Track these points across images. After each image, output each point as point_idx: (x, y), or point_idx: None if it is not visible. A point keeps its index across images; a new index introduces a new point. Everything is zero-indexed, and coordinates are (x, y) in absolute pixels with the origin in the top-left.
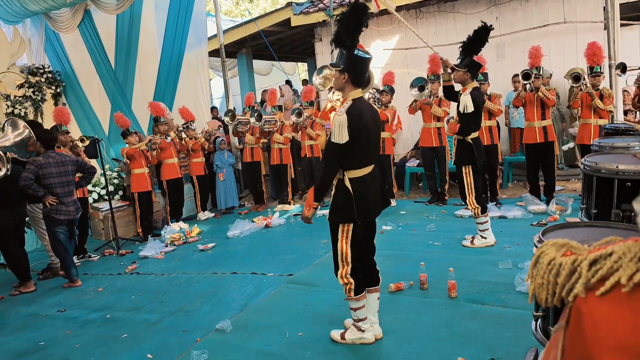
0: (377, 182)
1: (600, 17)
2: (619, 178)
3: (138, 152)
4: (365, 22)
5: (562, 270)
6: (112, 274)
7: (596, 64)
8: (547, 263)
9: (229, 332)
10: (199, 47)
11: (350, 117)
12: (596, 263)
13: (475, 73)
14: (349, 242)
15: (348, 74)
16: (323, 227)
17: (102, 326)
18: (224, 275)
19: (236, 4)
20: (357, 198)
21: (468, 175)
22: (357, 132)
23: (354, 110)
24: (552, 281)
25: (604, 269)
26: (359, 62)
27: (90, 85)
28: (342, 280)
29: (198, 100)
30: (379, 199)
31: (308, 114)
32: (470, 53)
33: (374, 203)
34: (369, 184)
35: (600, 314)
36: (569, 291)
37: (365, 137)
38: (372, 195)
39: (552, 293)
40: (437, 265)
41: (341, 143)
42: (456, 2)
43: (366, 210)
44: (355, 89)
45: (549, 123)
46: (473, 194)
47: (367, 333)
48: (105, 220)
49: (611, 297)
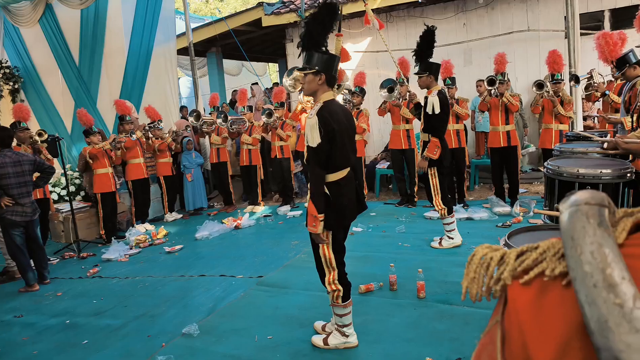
0: (353, 185)
1: (562, 26)
2: (580, 182)
3: (101, 151)
4: (338, 21)
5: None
6: (72, 277)
7: (557, 72)
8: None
9: (195, 336)
10: (167, 44)
11: (322, 118)
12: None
13: (437, 74)
14: (330, 246)
15: (325, 74)
16: (293, 229)
17: (62, 332)
18: (192, 278)
19: (205, 2)
20: (333, 204)
21: (434, 177)
22: (332, 133)
23: (325, 112)
24: (483, 274)
25: (530, 260)
26: (334, 62)
27: (53, 81)
28: (330, 287)
29: (166, 99)
30: (355, 203)
31: (279, 114)
32: (424, 57)
33: (350, 208)
34: (344, 188)
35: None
36: (497, 281)
37: (340, 139)
38: (347, 200)
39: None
40: (407, 266)
41: (315, 146)
42: (425, 7)
43: (343, 215)
44: (328, 90)
45: (512, 128)
46: (439, 194)
47: (351, 337)
48: (65, 222)
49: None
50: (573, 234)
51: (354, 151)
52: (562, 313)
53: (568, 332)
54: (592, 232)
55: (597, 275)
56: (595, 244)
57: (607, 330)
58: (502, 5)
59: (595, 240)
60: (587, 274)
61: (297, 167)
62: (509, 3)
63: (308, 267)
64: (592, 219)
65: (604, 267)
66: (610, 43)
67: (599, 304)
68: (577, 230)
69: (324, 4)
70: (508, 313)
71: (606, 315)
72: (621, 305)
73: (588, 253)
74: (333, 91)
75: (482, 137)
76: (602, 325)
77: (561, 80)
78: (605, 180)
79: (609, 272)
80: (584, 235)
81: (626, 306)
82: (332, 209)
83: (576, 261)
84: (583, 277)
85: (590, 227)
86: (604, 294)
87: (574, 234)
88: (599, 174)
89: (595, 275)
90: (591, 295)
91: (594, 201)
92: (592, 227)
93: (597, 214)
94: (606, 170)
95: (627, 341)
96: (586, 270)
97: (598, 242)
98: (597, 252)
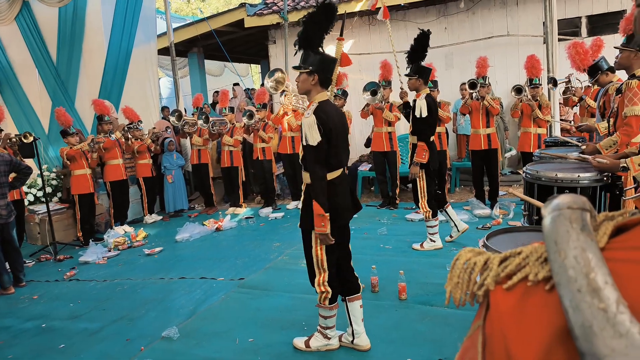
0: (347, 185)
1: (540, 31)
2: (558, 186)
3: (79, 152)
4: (335, 22)
5: (475, 268)
6: (48, 280)
7: (535, 76)
8: (462, 263)
9: (175, 339)
10: (148, 44)
11: (319, 117)
12: (506, 260)
13: (427, 78)
14: (323, 247)
15: (319, 75)
16: (275, 231)
17: (38, 336)
18: (172, 280)
19: (187, 2)
20: (329, 204)
21: (421, 179)
22: (329, 132)
23: (321, 113)
24: (466, 279)
25: (513, 265)
26: (329, 63)
27: (29, 80)
28: (319, 289)
29: (147, 99)
30: (350, 203)
31: (260, 116)
32: (416, 60)
33: (344, 207)
34: (339, 187)
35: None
36: (480, 286)
37: (335, 139)
38: (342, 200)
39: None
40: (388, 268)
41: (315, 145)
42: (407, 11)
43: (337, 215)
44: (322, 91)
45: (493, 131)
46: (425, 197)
47: (332, 340)
48: (41, 224)
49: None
50: (556, 238)
51: (347, 151)
52: (545, 318)
53: (551, 337)
54: (575, 236)
55: (581, 279)
56: (578, 248)
57: (592, 335)
58: (482, 10)
59: (579, 244)
60: (571, 279)
61: (279, 169)
62: (490, 8)
63: (290, 269)
64: (575, 223)
65: (588, 271)
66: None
67: (584, 308)
68: (561, 234)
69: (322, 4)
70: (490, 318)
71: (590, 319)
72: (605, 309)
73: (572, 257)
74: (328, 92)
75: (464, 140)
76: (586, 330)
77: (539, 84)
78: (583, 185)
79: (592, 277)
80: (567, 239)
81: (610, 310)
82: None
83: (560, 266)
84: (567, 281)
85: (573, 232)
86: (588, 299)
87: (558, 238)
88: (576, 178)
89: (579, 280)
90: (575, 300)
91: (576, 205)
92: (575, 232)
93: (579, 218)
94: (584, 174)
95: (612, 346)
96: (570, 275)
97: (581, 247)
98: (580, 256)
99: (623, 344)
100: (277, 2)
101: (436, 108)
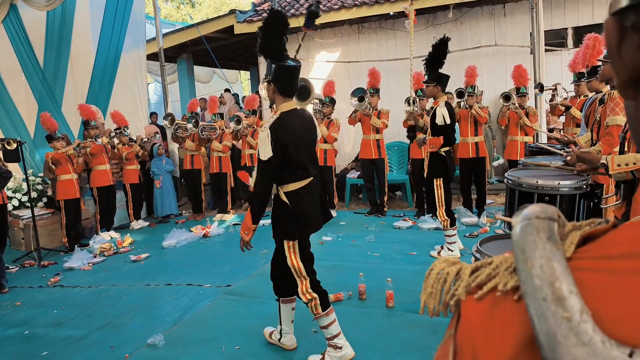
0: (317, 195)
1: (527, 42)
2: (539, 193)
3: (65, 157)
4: (286, 30)
5: (448, 278)
6: (32, 286)
7: (522, 85)
8: (436, 273)
9: (161, 347)
10: (137, 49)
11: (274, 132)
12: (477, 270)
13: (445, 85)
14: (298, 256)
15: (275, 84)
16: (263, 237)
17: (20, 343)
18: (158, 287)
19: (177, 8)
20: (295, 213)
21: (439, 188)
22: (284, 146)
23: (279, 125)
24: (440, 289)
25: (483, 275)
26: (285, 71)
27: (16, 84)
28: (305, 297)
29: (135, 105)
30: (319, 212)
31: (250, 122)
32: (434, 67)
33: (313, 216)
34: (306, 197)
35: (475, 315)
36: (452, 296)
37: (295, 151)
38: (310, 209)
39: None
40: (376, 275)
41: (265, 160)
42: (396, 20)
43: (306, 224)
44: (285, 100)
45: (481, 139)
46: (443, 206)
47: (345, 349)
48: (26, 229)
49: (486, 300)
50: (524, 247)
51: (315, 161)
52: (513, 327)
53: (518, 346)
54: (542, 245)
55: (547, 288)
56: (544, 257)
57: (556, 343)
58: (470, 21)
59: (545, 253)
60: (537, 287)
61: None
62: (477, 19)
63: None
64: (542, 232)
65: (553, 280)
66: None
67: (548, 317)
68: (528, 243)
69: (271, 13)
70: (461, 327)
71: (554, 328)
72: (569, 318)
73: (538, 266)
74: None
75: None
76: (550, 339)
77: (526, 93)
78: (563, 192)
79: (557, 286)
80: (534, 248)
81: (574, 319)
82: (293, 218)
83: (527, 275)
84: (533, 290)
85: (540, 241)
86: (553, 308)
87: (525, 247)
88: (557, 185)
89: (545, 289)
90: (541, 309)
91: (545, 215)
92: (542, 241)
93: (547, 227)
94: (564, 182)
95: (574, 354)
96: (536, 284)
97: (547, 256)
98: (546, 265)
99: (585, 352)
100: (267, 9)
101: (454, 115)
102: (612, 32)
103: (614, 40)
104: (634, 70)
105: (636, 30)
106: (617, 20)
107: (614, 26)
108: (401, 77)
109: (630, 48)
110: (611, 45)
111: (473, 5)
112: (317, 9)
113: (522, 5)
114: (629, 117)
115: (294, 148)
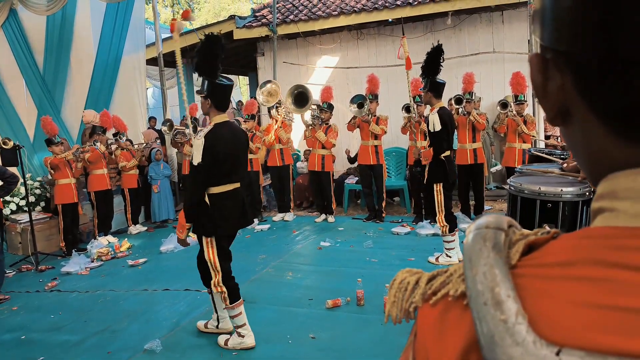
0: (239, 201)
1: (525, 49)
2: (541, 199)
3: (63, 161)
4: (221, 52)
5: (408, 287)
6: (29, 291)
7: (520, 93)
8: (399, 282)
9: (158, 352)
10: (137, 54)
11: (207, 140)
12: (434, 278)
13: (439, 91)
14: (215, 252)
15: (210, 99)
16: (261, 243)
17: (16, 348)
18: (155, 292)
19: (176, 13)
20: (213, 213)
21: (439, 193)
22: (215, 154)
23: (212, 135)
24: (401, 297)
25: (437, 282)
26: (219, 89)
27: (16, 87)
28: (216, 289)
29: (134, 110)
30: (239, 216)
31: (249, 127)
32: (430, 74)
33: (231, 219)
34: (227, 201)
35: (428, 320)
36: (411, 303)
37: (223, 159)
38: (229, 212)
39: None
40: (374, 281)
41: (195, 165)
42: (395, 26)
43: (223, 225)
44: (219, 113)
45: (479, 146)
46: (443, 212)
47: (247, 338)
48: (23, 234)
49: (439, 306)
50: (471, 255)
51: (244, 169)
52: (461, 330)
53: (464, 349)
54: (486, 253)
55: (487, 293)
56: (487, 265)
57: (494, 344)
58: (469, 27)
59: (488, 261)
60: (480, 292)
61: (266, 181)
62: (476, 26)
63: (275, 282)
64: (489, 241)
65: (493, 286)
66: None
67: (488, 320)
68: (475, 252)
69: (206, 38)
70: (417, 333)
71: (493, 330)
72: (505, 321)
73: (481, 273)
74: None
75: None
76: (489, 340)
77: (524, 101)
78: (565, 199)
79: (497, 291)
80: (479, 256)
81: (509, 322)
82: (211, 217)
83: (472, 281)
84: (476, 295)
85: (485, 249)
86: (492, 311)
87: (472, 255)
88: (559, 192)
89: (486, 294)
90: (482, 312)
91: (493, 225)
92: (487, 249)
93: (493, 237)
94: (567, 188)
95: (510, 353)
96: (479, 289)
97: (490, 264)
98: (488, 272)
99: (519, 352)
100: (266, 15)
101: (451, 121)
102: (536, 71)
103: (539, 80)
104: (558, 107)
105: (557, 69)
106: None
107: (538, 64)
108: (400, 83)
109: (553, 87)
110: (536, 84)
111: (471, 12)
112: None
113: (520, 12)
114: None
115: (223, 156)
